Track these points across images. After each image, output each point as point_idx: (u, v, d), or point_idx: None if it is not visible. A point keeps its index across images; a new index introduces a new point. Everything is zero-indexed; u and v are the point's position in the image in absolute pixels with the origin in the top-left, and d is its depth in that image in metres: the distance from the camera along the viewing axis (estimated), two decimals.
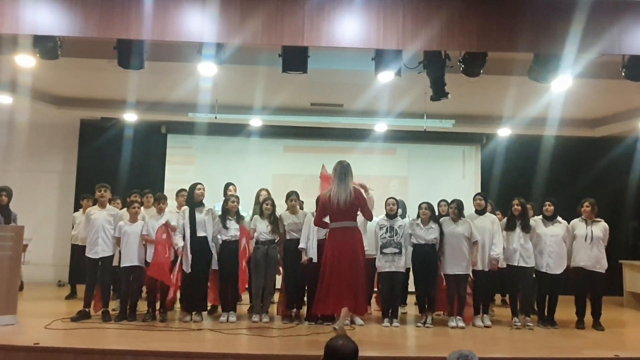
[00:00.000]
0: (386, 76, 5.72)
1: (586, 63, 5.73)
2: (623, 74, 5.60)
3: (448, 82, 5.76)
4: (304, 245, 5.99)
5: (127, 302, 5.92)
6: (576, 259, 6.12)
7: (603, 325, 6.08)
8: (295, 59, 5.45)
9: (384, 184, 9.24)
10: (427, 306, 6.13)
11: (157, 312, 6.00)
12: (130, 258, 5.89)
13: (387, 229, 6.08)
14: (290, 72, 5.53)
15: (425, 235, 6.05)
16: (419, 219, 6.14)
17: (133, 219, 6.00)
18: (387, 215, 6.18)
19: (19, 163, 9.36)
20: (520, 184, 8.54)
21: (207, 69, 5.78)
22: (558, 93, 6.82)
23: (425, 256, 6.03)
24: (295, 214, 6.25)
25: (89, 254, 5.93)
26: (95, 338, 5.00)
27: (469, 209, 6.37)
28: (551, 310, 6.17)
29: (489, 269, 6.10)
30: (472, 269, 6.09)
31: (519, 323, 6.03)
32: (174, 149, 9.60)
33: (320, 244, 5.85)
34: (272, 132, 9.38)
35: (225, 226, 6.07)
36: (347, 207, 4.97)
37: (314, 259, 5.89)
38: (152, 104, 8.36)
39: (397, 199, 6.41)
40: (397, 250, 6.00)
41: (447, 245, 6.05)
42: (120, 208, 6.52)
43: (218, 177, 7.85)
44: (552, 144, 9.43)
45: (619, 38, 5.39)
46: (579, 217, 6.28)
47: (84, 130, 9.57)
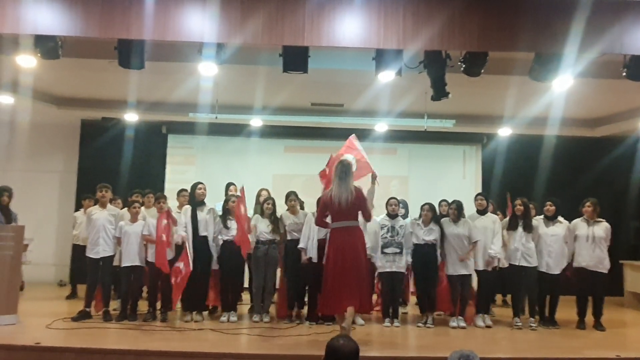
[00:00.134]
0: (387, 76, 5.73)
1: (587, 63, 5.72)
2: (624, 74, 5.60)
3: (449, 82, 5.76)
4: (304, 245, 5.99)
5: (127, 302, 5.93)
6: (578, 259, 6.11)
7: (604, 325, 6.08)
8: (295, 59, 5.46)
9: (385, 184, 9.15)
10: (427, 306, 6.12)
11: (157, 312, 6.00)
12: (131, 258, 5.90)
13: (388, 228, 6.08)
14: (290, 72, 5.53)
15: (425, 236, 6.05)
16: (421, 219, 6.14)
17: (134, 218, 6.01)
18: (389, 215, 6.18)
19: (20, 163, 9.36)
20: (521, 184, 8.53)
21: (207, 69, 5.78)
22: (559, 93, 6.82)
23: (425, 256, 6.03)
24: (295, 214, 6.25)
25: (89, 253, 5.93)
26: (96, 338, 5.01)
27: (469, 209, 6.37)
28: (552, 310, 6.17)
29: (490, 268, 6.10)
30: (474, 269, 6.09)
31: (520, 323, 6.02)
32: (174, 149, 9.60)
33: (321, 243, 5.86)
34: (273, 132, 9.38)
35: (226, 226, 6.07)
36: (349, 207, 4.96)
37: (314, 258, 5.89)
38: (153, 104, 8.37)
39: (398, 199, 6.42)
40: (398, 250, 6.00)
41: (448, 246, 6.06)
42: (121, 208, 6.52)
43: (218, 177, 7.85)
44: (553, 144, 9.42)
45: (620, 37, 5.39)
46: (581, 217, 6.28)
47: (85, 130, 9.59)
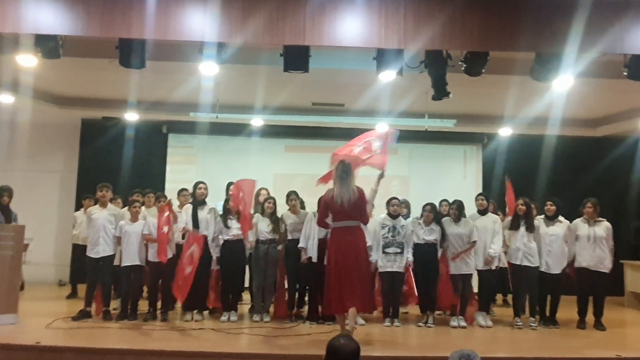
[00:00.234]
0: (387, 75, 5.72)
1: (588, 62, 5.71)
2: (625, 74, 5.60)
3: (449, 82, 5.76)
4: (304, 244, 5.99)
5: (128, 302, 5.92)
6: (579, 259, 6.10)
7: (604, 325, 6.07)
8: (296, 59, 5.45)
9: (385, 184, 9.05)
10: (428, 306, 6.12)
11: (157, 312, 6.00)
12: (131, 257, 5.89)
13: (389, 228, 6.07)
14: (291, 71, 5.53)
15: (426, 236, 6.05)
16: (422, 219, 6.14)
17: (134, 218, 6.00)
18: (390, 215, 6.17)
19: (20, 162, 9.36)
20: (521, 184, 8.51)
21: (208, 69, 5.78)
22: (560, 92, 6.82)
23: (425, 256, 6.03)
24: (296, 213, 6.25)
25: (90, 253, 5.92)
26: (96, 337, 5.00)
27: (470, 209, 6.37)
28: (553, 309, 6.17)
29: (492, 267, 6.11)
30: (476, 269, 6.10)
31: (521, 323, 6.02)
32: (175, 148, 9.60)
33: (321, 243, 5.85)
34: (274, 131, 9.38)
35: (226, 225, 6.07)
36: (351, 207, 4.95)
37: (314, 258, 5.88)
38: (154, 104, 8.37)
39: (400, 200, 6.41)
40: (399, 250, 5.99)
41: (450, 246, 6.05)
42: (121, 207, 6.52)
43: (219, 177, 7.84)
44: (554, 144, 9.41)
45: (620, 37, 5.38)
46: (581, 217, 6.27)
47: (85, 129, 9.59)
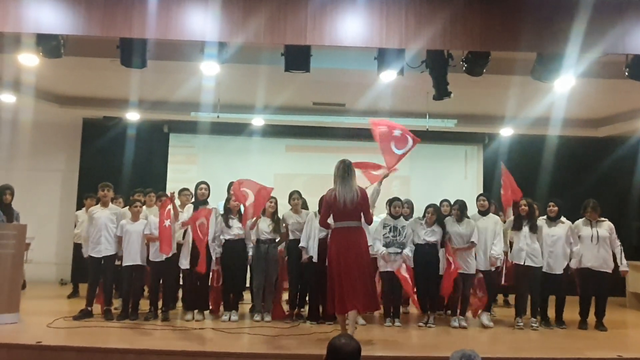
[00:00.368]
0: (389, 75, 5.72)
1: (589, 62, 5.71)
2: (626, 74, 5.60)
3: (450, 82, 5.75)
4: (304, 244, 5.98)
5: (129, 301, 5.93)
6: (583, 260, 6.09)
7: (606, 325, 6.07)
8: (297, 58, 5.45)
9: (386, 184, 9.08)
10: (428, 306, 6.12)
11: (159, 311, 6.00)
12: (132, 257, 5.89)
13: (390, 228, 6.07)
14: (292, 71, 5.53)
15: (427, 236, 6.04)
16: (424, 220, 6.13)
17: (135, 217, 6.01)
18: (391, 215, 6.17)
19: (21, 162, 9.37)
20: (522, 185, 8.49)
21: (209, 68, 5.78)
22: (561, 93, 6.81)
23: (426, 256, 6.02)
24: (298, 213, 6.25)
25: (91, 253, 5.92)
26: (97, 337, 5.01)
27: (471, 209, 6.36)
28: (559, 310, 6.17)
29: (493, 268, 6.11)
30: (477, 269, 6.09)
31: (522, 323, 6.01)
32: (176, 148, 9.61)
33: (321, 243, 5.85)
34: (274, 131, 9.39)
35: (228, 225, 6.07)
36: (354, 207, 4.91)
37: (314, 258, 5.88)
38: (155, 103, 8.38)
39: (403, 200, 6.41)
40: (399, 250, 5.98)
41: (451, 246, 6.05)
42: (123, 207, 6.53)
43: (220, 177, 7.84)
44: (555, 144, 9.41)
45: (622, 37, 5.38)
46: (583, 219, 6.26)
47: (87, 129, 9.60)
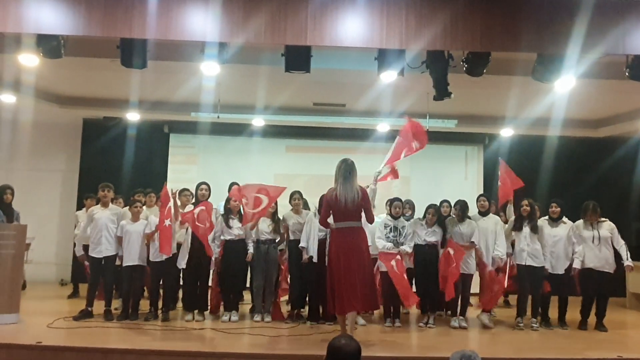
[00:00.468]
0: (389, 76, 5.72)
1: (590, 63, 5.71)
2: (627, 74, 5.60)
3: (451, 82, 5.75)
4: (304, 244, 5.98)
5: (129, 301, 5.93)
6: (585, 260, 6.09)
7: (606, 326, 6.07)
8: (298, 59, 5.46)
9: (386, 184, 9.12)
10: (429, 306, 6.11)
11: (159, 312, 6.00)
12: (132, 257, 5.89)
13: (391, 228, 6.07)
14: (293, 71, 5.53)
15: (427, 237, 6.04)
16: (424, 220, 6.13)
17: (135, 218, 6.00)
18: (392, 215, 6.17)
19: (22, 162, 9.37)
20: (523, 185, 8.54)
21: (209, 69, 5.78)
22: (561, 93, 6.81)
23: (426, 256, 6.02)
24: (299, 213, 6.25)
25: (92, 253, 5.92)
26: (97, 337, 5.00)
27: (471, 209, 6.36)
28: (562, 311, 6.17)
29: (494, 268, 6.11)
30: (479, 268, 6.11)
31: (522, 323, 6.01)
32: (176, 148, 9.61)
33: (320, 244, 5.85)
34: (275, 131, 9.38)
35: (228, 225, 6.07)
36: (355, 207, 4.88)
37: (314, 257, 5.87)
38: (155, 104, 8.38)
39: (404, 200, 6.41)
40: (399, 250, 5.98)
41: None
42: (123, 207, 6.53)
43: (220, 177, 7.86)
44: (556, 145, 9.41)
45: (623, 38, 5.38)
46: (584, 220, 6.27)
47: (87, 129, 9.60)
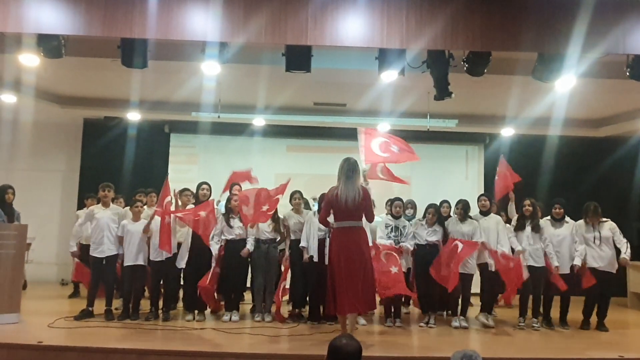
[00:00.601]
0: (389, 75, 5.72)
1: (590, 63, 5.71)
2: (627, 74, 5.60)
3: (451, 82, 5.75)
4: (305, 244, 5.97)
5: (129, 301, 5.93)
6: (587, 260, 6.09)
7: (607, 326, 6.06)
8: (298, 58, 5.46)
9: (387, 184, 9.13)
10: (429, 306, 6.11)
11: (159, 312, 6.00)
12: (133, 257, 5.89)
13: (392, 228, 6.07)
14: (293, 71, 5.54)
15: (428, 237, 6.04)
16: (424, 220, 6.13)
17: (136, 217, 6.01)
18: (393, 215, 6.17)
19: (22, 162, 9.39)
20: (523, 185, 8.53)
21: (210, 68, 5.79)
22: (562, 93, 6.81)
23: (427, 256, 6.01)
24: (299, 213, 6.25)
25: (93, 253, 5.92)
26: (98, 337, 5.00)
27: (472, 209, 6.36)
28: (563, 311, 6.16)
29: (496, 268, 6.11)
30: (480, 268, 6.09)
31: (524, 323, 6.01)
32: (177, 148, 9.62)
33: (320, 244, 5.85)
34: (275, 131, 9.39)
35: (229, 225, 6.07)
36: (356, 207, 4.84)
37: (315, 257, 5.87)
38: (156, 103, 8.39)
39: (405, 200, 6.41)
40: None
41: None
42: (123, 207, 6.53)
43: (221, 177, 7.83)
44: (556, 144, 9.41)
45: (623, 37, 5.38)
46: (585, 221, 6.26)
47: (88, 129, 9.61)
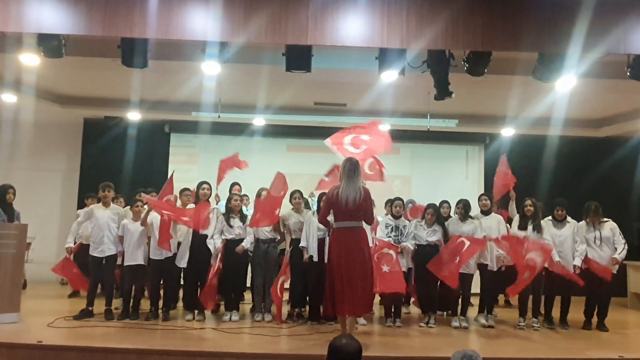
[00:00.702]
0: (390, 75, 5.73)
1: (591, 63, 5.71)
2: (628, 74, 5.60)
3: (452, 82, 5.75)
4: (304, 243, 5.97)
5: (129, 301, 5.93)
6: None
7: (607, 326, 6.06)
8: (299, 58, 5.46)
9: (387, 184, 9.15)
10: (429, 306, 6.11)
11: (159, 311, 6.00)
12: (133, 257, 5.89)
13: (392, 228, 6.07)
14: (293, 71, 5.54)
15: (429, 237, 6.03)
16: (423, 221, 6.13)
17: (136, 217, 6.01)
18: (393, 215, 6.17)
19: (22, 161, 9.39)
20: (524, 185, 8.52)
21: (210, 68, 5.79)
22: (562, 93, 6.81)
23: (427, 257, 6.00)
24: (299, 212, 6.25)
25: (93, 252, 5.92)
26: (98, 336, 5.00)
27: (472, 209, 6.36)
28: (564, 311, 6.15)
29: (497, 267, 6.12)
30: (480, 268, 6.09)
31: (524, 323, 6.01)
32: (177, 148, 9.63)
33: (319, 244, 5.85)
34: (276, 131, 9.39)
35: (229, 225, 6.07)
36: (356, 207, 4.81)
37: (315, 257, 5.87)
38: (156, 103, 8.39)
39: (404, 200, 6.41)
40: (400, 251, 5.97)
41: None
42: (124, 207, 6.53)
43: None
44: (556, 144, 9.41)
45: (624, 37, 5.38)
46: (585, 222, 6.26)
47: (88, 129, 9.62)
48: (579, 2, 5.34)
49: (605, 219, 6.21)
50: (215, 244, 5.97)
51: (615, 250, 6.05)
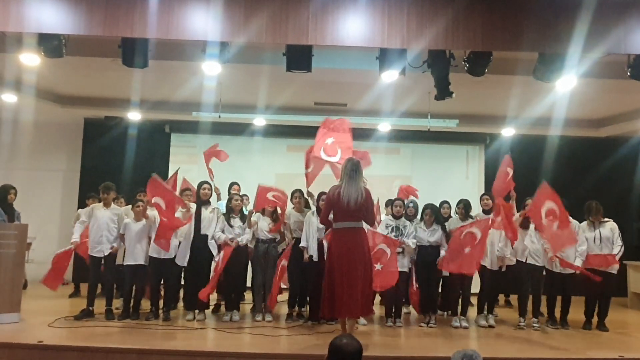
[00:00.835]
0: (390, 75, 5.72)
1: (591, 63, 5.71)
2: (628, 74, 5.60)
3: (452, 82, 5.75)
4: (304, 243, 5.96)
5: (130, 301, 5.93)
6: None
7: (607, 326, 6.07)
8: (299, 58, 5.46)
9: (388, 184, 9.22)
10: (429, 306, 6.11)
11: (160, 311, 6.00)
12: (133, 257, 5.90)
13: (392, 228, 6.06)
14: (294, 71, 5.54)
15: (429, 237, 6.04)
16: (422, 222, 6.13)
17: (137, 217, 6.01)
18: (393, 215, 6.17)
19: (23, 161, 9.39)
20: (524, 185, 8.51)
21: (211, 68, 5.79)
22: (563, 93, 6.81)
23: (427, 257, 6.01)
24: (300, 212, 6.25)
25: (92, 252, 5.93)
26: (98, 336, 5.01)
27: (472, 209, 6.36)
28: (564, 311, 6.15)
29: (498, 267, 6.11)
30: (480, 267, 6.09)
31: (524, 323, 6.01)
32: (177, 148, 9.62)
33: (320, 242, 5.84)
34: (276, 131, 9.39)
35: (230, 224, 6.07)
36: (357, 208, 4.79)
37: (315, 257, 5.87)
38: (156, 103, 8.39)
39: (403, 200, 6.41)
40: (401, 250, 5.97)
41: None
42: (124, 207, 6.53)
43: (221, 177, 7.83)
44: (557, 144, 9.41)
45: (624, 37, 5.38)
46: (587, 221, 6.25)
47: (88, 129, 9.62)
48: (579, 2, 5.34)
49: (606, 219, 6.21)
50: (220, 237, 5.99)
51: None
